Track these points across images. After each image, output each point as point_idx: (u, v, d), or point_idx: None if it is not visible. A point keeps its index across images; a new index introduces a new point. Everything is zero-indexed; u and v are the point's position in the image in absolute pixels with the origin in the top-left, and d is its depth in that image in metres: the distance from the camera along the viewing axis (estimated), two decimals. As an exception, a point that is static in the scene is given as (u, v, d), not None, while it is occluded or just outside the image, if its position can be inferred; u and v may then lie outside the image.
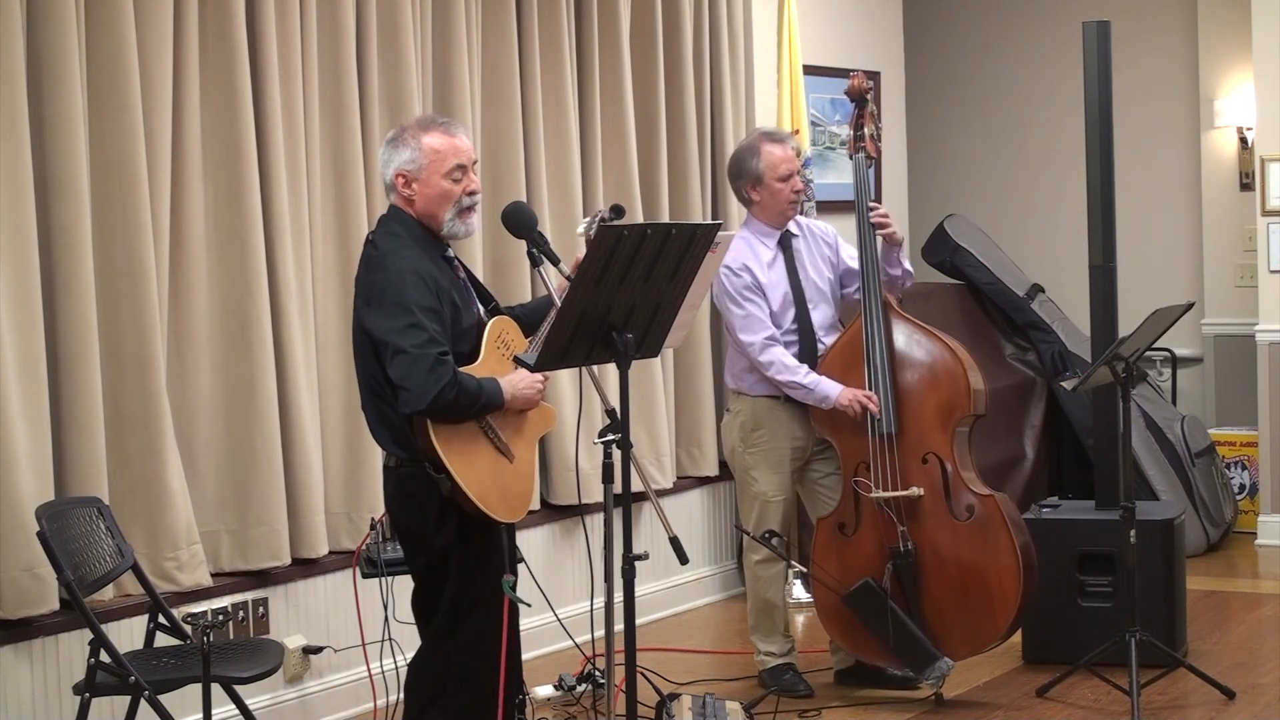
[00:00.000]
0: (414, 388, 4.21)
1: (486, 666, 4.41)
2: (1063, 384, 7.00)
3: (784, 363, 5.70)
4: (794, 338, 5.78)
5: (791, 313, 5.79)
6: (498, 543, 4.41)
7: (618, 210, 4.59)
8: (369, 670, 5.47)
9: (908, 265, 5.87)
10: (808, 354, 5.77)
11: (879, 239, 5.75)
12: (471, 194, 4.47)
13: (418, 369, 4.20)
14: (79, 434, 5.04)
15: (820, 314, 5.84)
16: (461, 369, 4.30)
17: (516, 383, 4.39)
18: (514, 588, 4.40)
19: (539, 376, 4.43)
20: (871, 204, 5.78)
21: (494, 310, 4.61)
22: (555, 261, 4.48)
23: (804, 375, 5.69)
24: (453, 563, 4.41)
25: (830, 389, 5.65)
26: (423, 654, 4.53)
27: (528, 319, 4.64)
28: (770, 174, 5.75)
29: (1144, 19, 8.94)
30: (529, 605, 4.57)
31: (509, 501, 4.39)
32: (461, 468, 4.27)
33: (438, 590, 4.46)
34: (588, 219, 4.59)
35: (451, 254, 4.54)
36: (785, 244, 5.84)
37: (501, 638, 4.43)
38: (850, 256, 5.87)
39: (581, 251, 4.48)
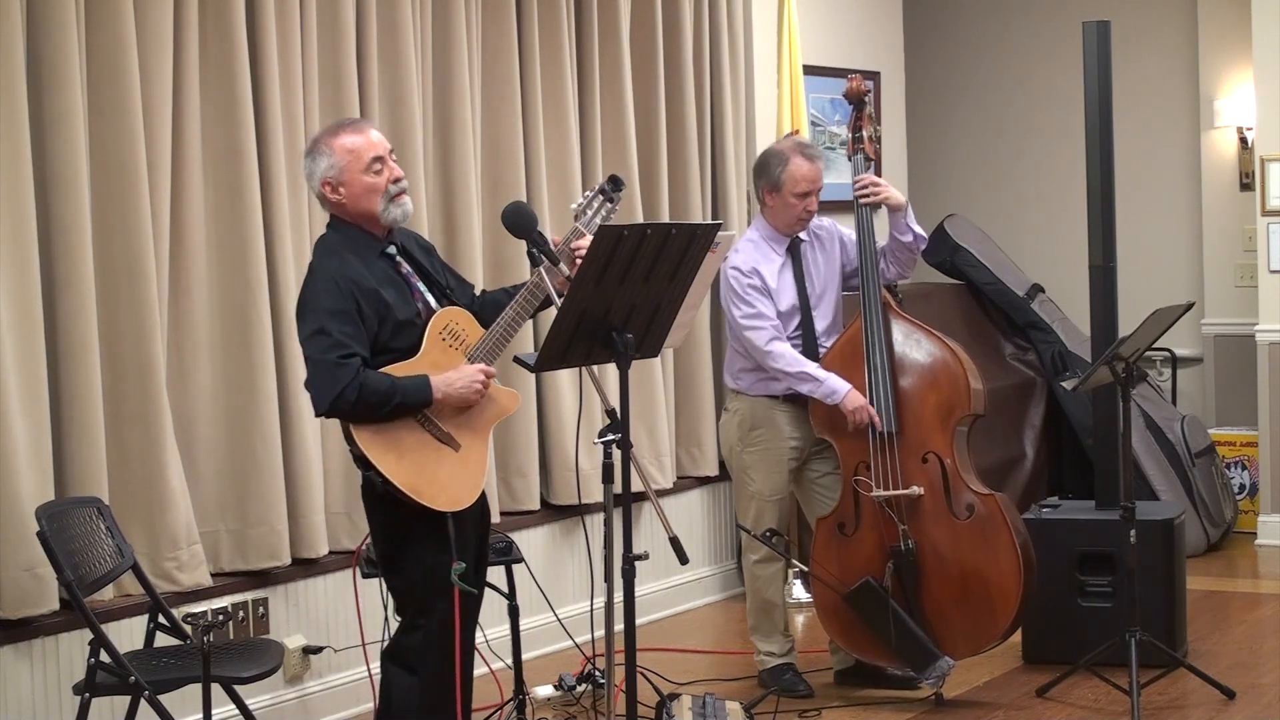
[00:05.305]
0: (314, 392, 4.34)
1: (463, 652, 4.46)
2: (1063, 384, 7.00)
3: (792, 356, 5.70)
4: (796, 343, 5.78)
5: (796, 319, 5.79)
6: (446, 534, 4.39)
7: (616, 182, 4.59)
8: (369, 670, 5.47)
9: (918, 229, 5.82)
10: (809, 359, 5.77)
11: (873, 218, 5.77)
12: (396, 181, 4.50)
13: (317, 374, 4.32)
14: (79, 434, 5.04)
15: (824, 320, 5.85)
16: (389, 366, 4.34)
17: (454, 380, 4.39)
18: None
19: (480, 375, 4.41)
20: (857, 179, 5.79)
21: (453, 303, 4.62)
22: (555, 261, 4.48)
23: (813, 368, 5.69)
24: (409, 557, 4.44)
25: (839, 384, 5.64)
26: (396, 641, 4.57)
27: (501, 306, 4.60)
28: (789, 187, 5.75)
29: (1144, 19, 8.94)
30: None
31: (449, 491, 4.39)
32: (389, 463, 4.31)
33: (402, 583, 4.51)
34: (586, 194, 4.61)
35: (392, 251, 4.53)
36: (794, 250, 5.84)
37: (470, 623, 4.50)
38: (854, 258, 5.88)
39: (572, 231, 4.50)
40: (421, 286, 4.55)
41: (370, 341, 4.38)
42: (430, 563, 4.42)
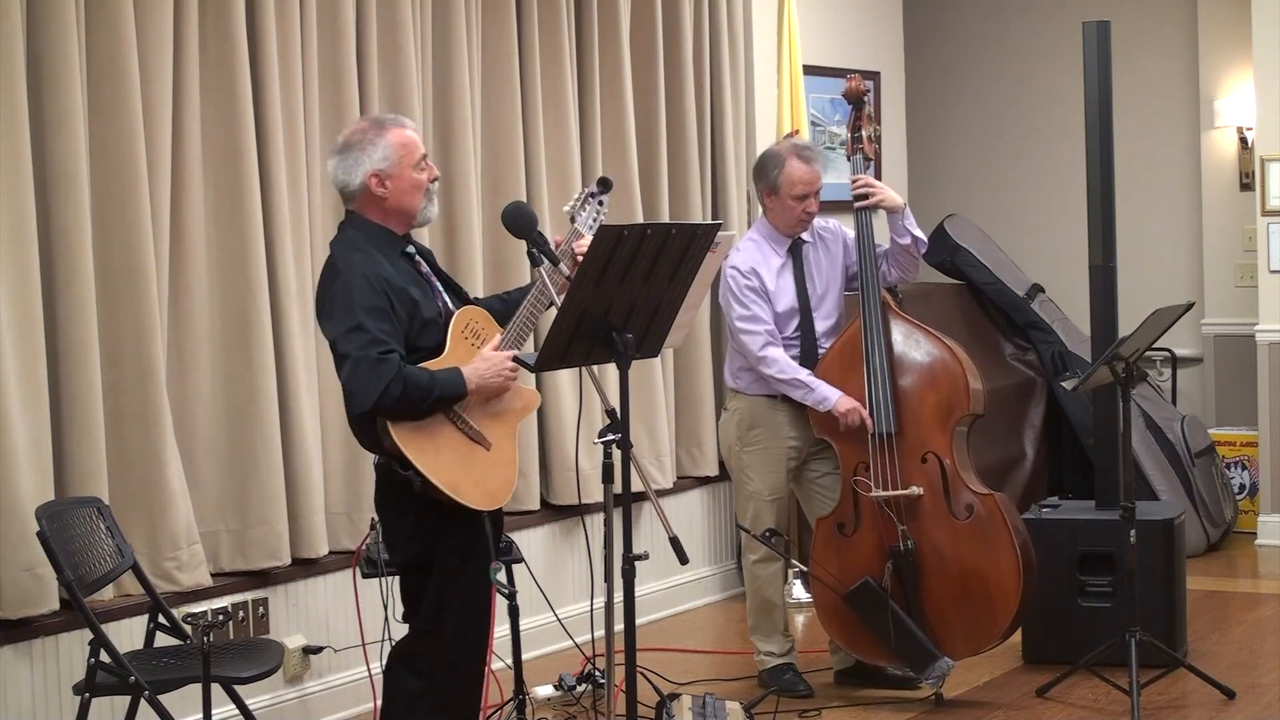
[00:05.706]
0: (356, 390, 4.26)
1: (473, 656, 4.45)
2: (1063, 384, 7.00)
3: (784, 362, 5.70)
4: (795, 344, 5.79)
5: (795, 321, 5.79)
6: (481, 533, 4.41)
7: (605, 184, 4.60)
8: (369, 670, 5.47)
9: (918, 232, 5.80)
10: (808, 361, 5.78)
11: (873, 219, 5.77)
12: (435, 180, 4.52)
13: (359, 372, 4.24)
14: (79, 434, 5.04)
15: (826, 321, 5.85)
16: (423, 363, 4.33)
17: (483, 371, 4.38)
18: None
19: (508, 363, 4.41)
20: (853, 178, 5.79)
21: (468, 303, 4.62)
22: (555, 262, 4.48)
23: (805, 375, 5.70)
24: (437, 557, 4.42)
25: (830, 392, 5.65)
26: (407, 643, 4.54)
27: (505, 310, 4.60)
28: (787, 190, 5.75)
29: (1144, 19, 8.94)
30: (515, 592, 4.56)
31: (485, 489, 4.39)
32: (428, 461, 4.28)
33: (424, 584, 4.48)
34: (576, 196, 4.61)
35: (411, 250, 4.53)
36: (795, 250, 5.84)
37: (488, 627, 4.48)
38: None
39: (571, 232, 4.51)
40: (440, 286, 4.56)
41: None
42: (457, 564, 4.40)
